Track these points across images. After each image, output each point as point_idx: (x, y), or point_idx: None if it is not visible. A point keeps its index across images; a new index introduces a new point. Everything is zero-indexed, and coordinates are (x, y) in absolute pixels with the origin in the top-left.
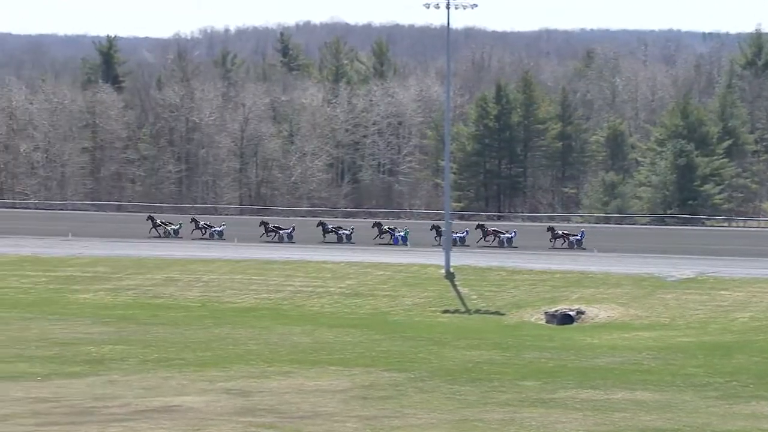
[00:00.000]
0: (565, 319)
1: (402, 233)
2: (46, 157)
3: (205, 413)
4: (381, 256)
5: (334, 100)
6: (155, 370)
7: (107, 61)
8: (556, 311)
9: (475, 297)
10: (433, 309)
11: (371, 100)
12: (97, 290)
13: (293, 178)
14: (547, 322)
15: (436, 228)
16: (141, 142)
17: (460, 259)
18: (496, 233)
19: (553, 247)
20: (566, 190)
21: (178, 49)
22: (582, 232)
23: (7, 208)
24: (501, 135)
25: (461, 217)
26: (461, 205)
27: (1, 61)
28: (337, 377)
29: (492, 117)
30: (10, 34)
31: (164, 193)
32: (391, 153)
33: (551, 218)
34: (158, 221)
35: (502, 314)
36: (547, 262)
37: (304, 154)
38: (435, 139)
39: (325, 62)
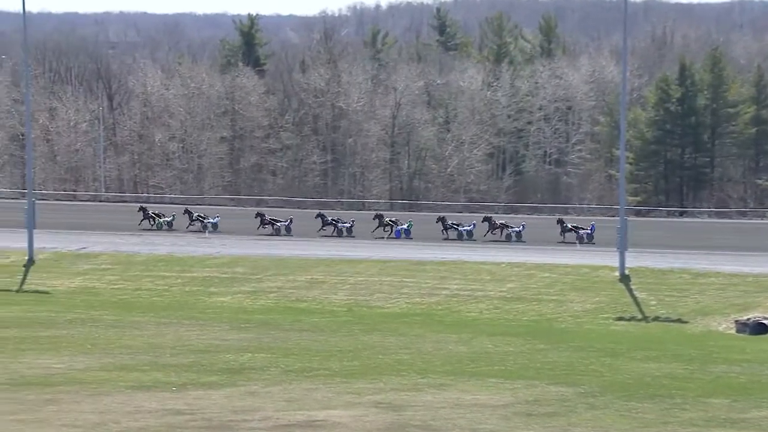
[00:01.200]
0: (760, 328)
1: (405, 226)
2: (182, 148)
3: (352, 429)
4: (546, 257)
5: (495, 83)
6: (298, 381)
7: (248, 42)
8: (749, 319)
9: (654, 303)
10: (606, 316)
11: (537, 83)
12: (235, 293)
13: (449, 170)
14: (738, 331)
15: (442, 220)
16: (283, 131)
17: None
18: (503, 226)
19: (563, 241)
20: (761, 182)
21: (325, 28)
22: (592, 225)
23: (140, 203)
24: (685, 120)
25: (637, 213)
26: (638, 199)
27: (136, 42)
28: (497, 391)
29: (674, 100)
30: (145, 14)
31: (308, 187)
32: (558, 141)
33: (742, 214)
34: (150, 212)
35: (685, 322)
36: (738, 264)
37: (462, 142)
38: (609, 126)
39: (486, 40)
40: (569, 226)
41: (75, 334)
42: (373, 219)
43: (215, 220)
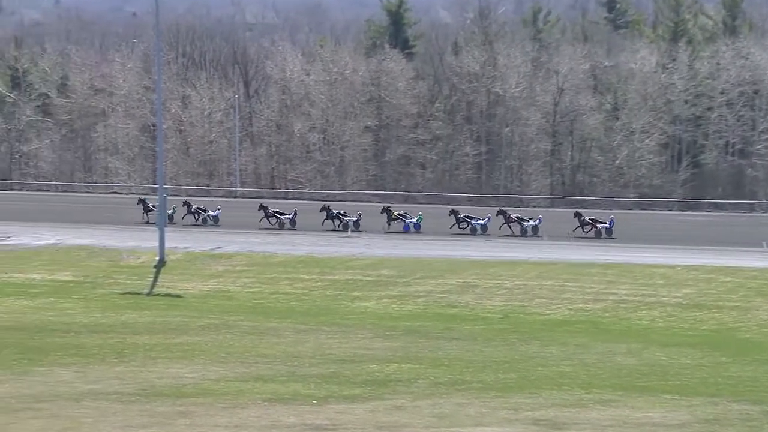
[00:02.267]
0: None
1: (414, 219)
2: (323, 139)
3: None
4: (729, 259)
5: (671, 65)
6: (448, 395)
7: (396, 22)
8: None
9: None
10: None
11: (719, 64)
12: (380, 297)
13: (617, 162)
14: None
15: (454, 213)
16: (433, 120)
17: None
18: (519, 220)
19: (579, 235)
20: None
21: (480, 6)
22: (612, 219)
23: (278, 198)
24: None
25: None
26: None
27: (275, 24)
28: (671, 408)
29: None
30: None
31: (459, 181)
32: (742, 129)
33: None
34: (150, 205)
35: None
36: None
37: (632, 131)
38: None
39: (661, 17)
40: (587, 219)
41: (208, 342)
42: (381, 213)
43: (216, 213)
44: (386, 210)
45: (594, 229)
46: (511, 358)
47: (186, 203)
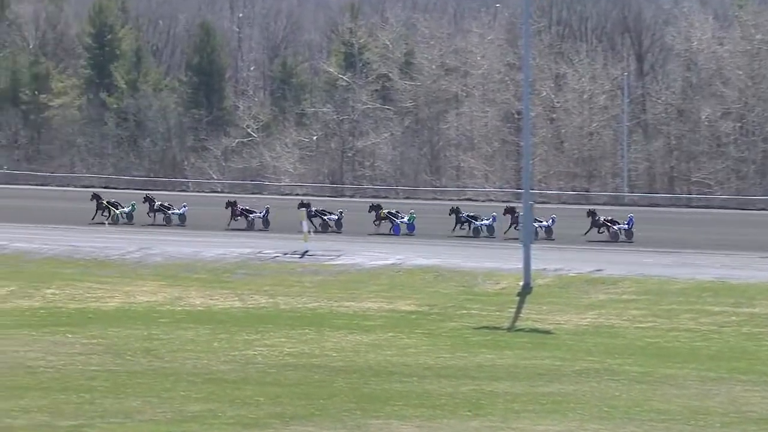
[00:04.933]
0: None
1: (405, 219)
2: (740, 128)
3: None
4: None
5: None
6: None
7: None
8: None
9: None
10: None
11: None
12: None
13: None
14: None
15: (455, 212)
16: None
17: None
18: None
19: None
20: None
21: None
22: (630, 218)
23: (679, 206)
24: None
25: None
26: None
27: None
28: None
29: None
30: None
31: None
32: None
33: None
34: (104, 202)
35: None
36: None
37: None
38: None
39: None
40: (602, 219)
41: (586, 392)
42: (369, 211)
43: (182, 211)
44: (374, 208)
45: (610, 230)
46: None
47: (147, 199)
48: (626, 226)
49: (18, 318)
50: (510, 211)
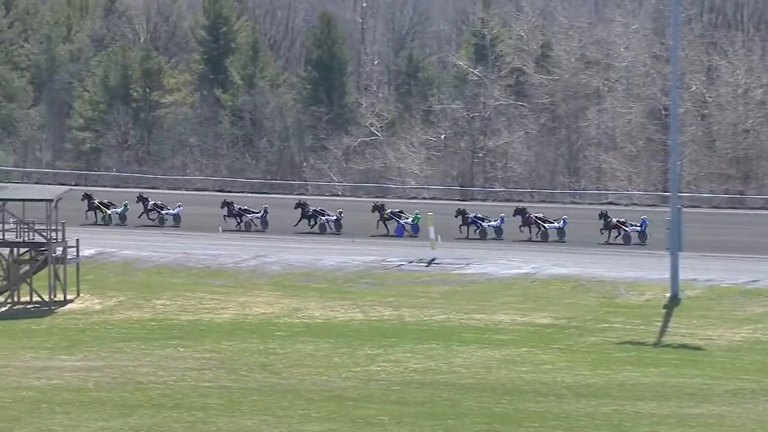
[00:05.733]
0: None
1: (408, 220)
2: None
3: None
4: None
5: None
6: None
7: None
8: None
9: None
10: None
11: None
12: None
13: None
14: None
15: (462, 213)
16: None
17: None
18: (540, 221)
19: (607, 242)
20: None
21: None
22: (644, 220)
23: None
24: None
25: None
26: None
27: None
28: None
29: None
30: None
31: None
32: None
33: None
34: (96, 202)
35: None
36: None
37: None
38: None
39: None
40: (614, 220)
41: (741, 414)
42: (372, 211)
43: (176, 211)
44: (378, 208)
45: (622, 233)
46: None
47: (141, 198)
48: (639, 228)
49: (127, 330)
50: (520, 211)
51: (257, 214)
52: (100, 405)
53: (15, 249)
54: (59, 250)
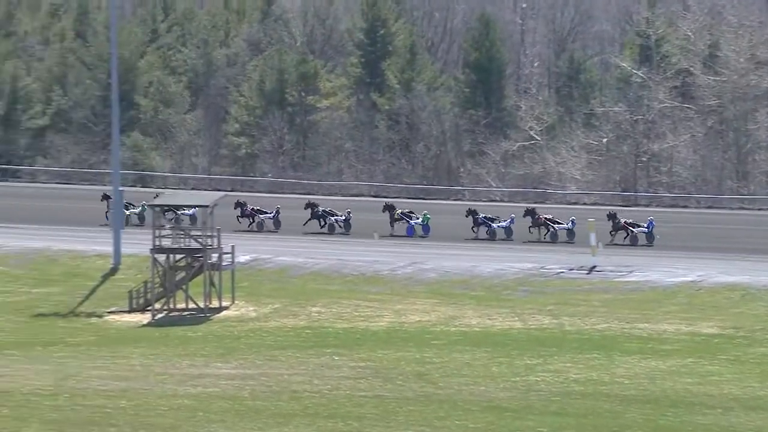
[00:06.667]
0: None
1: (419, 220)
2: None
3: None
4: None
5: None
6: None
7: None
8: None
9: None
10: None
11: None
12: None
13: None
14: None
15: (472, 213)
16: None
17: None
18: (549, 222)
19: (613, 243)
20: None
21: None
22: (650, 221)
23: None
24: None
25: None
26: None
27: None
28: None
29: None
30: None
31: None
32: None
33: None
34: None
35: None
36: None
37: None
38: None
39: None
40: (622, 222)
41: None
42: (383, 211)
43: (191, 213)
44: (388, 208)
45: (630, 234)
46: None
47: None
48: (646, 229)
49: (282, 338)
50: (530, 212)
51: (269, 215)
52: (256, 414)
53: (171, 255)
54: (215, 257)
